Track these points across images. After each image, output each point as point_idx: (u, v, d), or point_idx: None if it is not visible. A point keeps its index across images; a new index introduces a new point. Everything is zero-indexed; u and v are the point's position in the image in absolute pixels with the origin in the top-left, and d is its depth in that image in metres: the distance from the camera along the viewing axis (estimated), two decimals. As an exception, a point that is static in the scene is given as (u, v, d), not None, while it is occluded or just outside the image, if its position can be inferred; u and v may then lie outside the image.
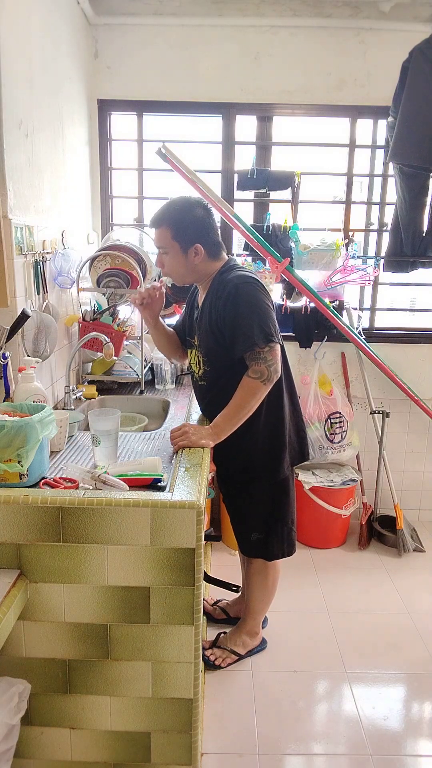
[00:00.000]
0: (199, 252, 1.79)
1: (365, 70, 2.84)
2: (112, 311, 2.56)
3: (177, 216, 1.78)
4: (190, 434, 1.73)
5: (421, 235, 2.83)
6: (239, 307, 1.73)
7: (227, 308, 1.75)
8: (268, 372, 1.72)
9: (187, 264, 1.81)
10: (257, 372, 1.71)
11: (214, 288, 1.83)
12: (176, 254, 1.80)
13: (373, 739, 1.81)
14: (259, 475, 1.94)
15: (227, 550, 2.86)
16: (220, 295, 1.78)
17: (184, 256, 1.80)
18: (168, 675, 1.47)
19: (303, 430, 2.03)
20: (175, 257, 1.81)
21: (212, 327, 1.82)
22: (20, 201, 1.90)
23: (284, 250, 2.85)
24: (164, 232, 1.79)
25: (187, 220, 1.78)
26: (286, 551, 2.03)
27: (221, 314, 1.77)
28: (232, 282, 1.76)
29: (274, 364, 1.73)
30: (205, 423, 1.96)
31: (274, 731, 1.83)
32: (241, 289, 1.74)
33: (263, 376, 1.71)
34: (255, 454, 1.91)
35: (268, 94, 2.86)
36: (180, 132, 3.04)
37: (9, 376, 1.78)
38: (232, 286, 1.75)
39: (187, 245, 1.78)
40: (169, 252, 1.81)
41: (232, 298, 1.74)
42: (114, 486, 1.42)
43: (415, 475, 3.25)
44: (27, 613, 1.41)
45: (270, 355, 1.71)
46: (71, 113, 2.53)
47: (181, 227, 1.77)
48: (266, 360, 1.71)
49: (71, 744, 1.53)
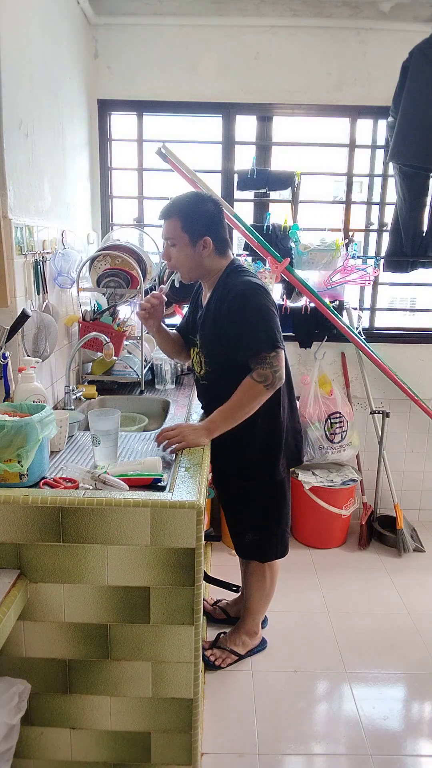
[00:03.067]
0: (207, 245, 1.78)
1: (365, 70, 2.84)
2: (112, 311, 2.56)
3: (188, 208, 1.78)
4: (186, 434, 1.72)
5: (421, 235, 2.83)
6: (246, 313, 1.72)
7: (233, 314, 1.74)
8: (273, 377, 1.71)
9: (194, 257, 1.80)
10: (262, 376, 1.70)
11: (218, 290, 1.82)
12: (184, 246, 1.79)
13: (373, 739, 1.81)
14: (255, 477, 1.94)
15: (227, 550, 2.86)
16: (225, 299, 1.77)
17: (193, 248, 1.79)
18: (168, 675, 1.47)
19: (300, 432, 2.03)
20: (182, 249, 1.80)
21: (216, 330, 1.81)
22: (20, 201, 1.90)
23: (284, 250, 2.85)
24: (174, 223, 1.77)
25: (198, 212, 1.78)
26: (280, 553, 2.03)
27: (226, 319, 1.76)
28: (239, 288, 1.75)
29: (279, 370, 1.72)
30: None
31: (274, 731, 1.83)
32: (248, 296, 1.73)
33: (267, 381, 1.70)
34: (251, 456, 1.91)
35: (268, 94, 2.86)
36: (180, 132, 3.04)
37: (9, 376, 1.78)
38: (239, 292, 1.74)
39: (197, 237, 1.77)
40: (177, 244, 1.80)
41: (239, 304, 1.73)
42: (114, 486, 1.42)
43: (415, 475, 3.25)
44: (27, 613, 1.41)
45: (276, 361, 1.71)
46: (71, 113, 2.53)
47: (192, 219, 1.77)
48: (272, 365, 1.70)
49: (71, 744, 1.53)
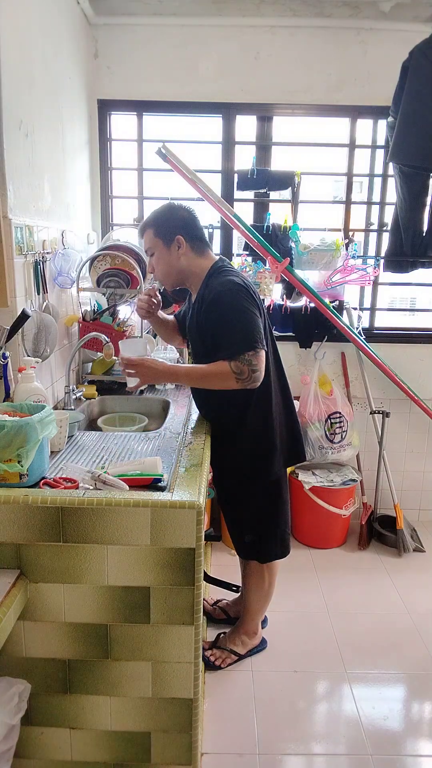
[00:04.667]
0: (181, 244, 1.81)
1: (365, 70, 2.84)
2: (112, 311, 2.56)
3: (159, 216, 1.85)
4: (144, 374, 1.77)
5: (421, 235, 2.83)
6: (222, 314, 1.72)
7: (211, 313, 1.75)
8: (249, 374, 1.68)
9: (170, 259, 1.83)
10: (238, 369, 1.68)
11: (201, 292, 1.84)
12: (161, 251, 1.84)
13: (373, 739, 1.81)
14: (250, 477, 1.94)
15: (227, 550, 2.86)
16: (206, 299, 1.79)
17: (168, 250, 1.83)
18: (168, 675, 1.47)
19: (298, 430, 2.03)
20: (160, 255, 1.84)
21: (200, 331, 1.84)
22: (20, 201, 1.90)
23: (284, 250, 2.85)
24: (148, 233, 1.85)
25: (168, 218, 1.84)
26: (280, 553, 2.03)
27: (206, 320, 1.78)
28: (218, 288, 1.76)
29: (258, 370, 1.69)
30: (205, 424, 1.98)
31: (274, 731, 1.83)
32: (223, 297, 1.73)
33: (242, 375, 1.68)
34: (244, 456, 1.92)
35: (268, 94, 2.86)
36: (180, 132, 3.04)
37: (9, 376, 1.78)
38: (217, 293, 1.75)
39: (169, 239, 1.82)
40: (155, 251, 1.85)
41: (215, 305, 1.74)
42: (114, 486, 1.42)
43: (415, 475, 3.25)
44: (27, 613, 1.41)
45: (255, 359, 1.68)
46: (71, 113, 2.53)
47: (163, 224, 1.83)
48: (250, 363, 1.68)
49: (71, 744, 1.53)
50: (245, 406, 1.86)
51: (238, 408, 1.87)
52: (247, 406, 1.86)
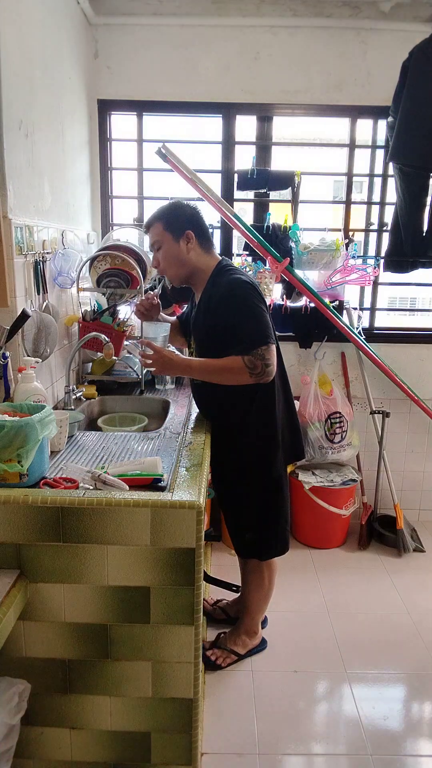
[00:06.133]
0: (191, 239, 1.83)
1: (365, 70, 2.84)
2: (112, 311, 2.55)
3: (168, 211, 1.87)
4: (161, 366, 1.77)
5: (421, 235, 2.83)
6: (234, 310, 1.75)
7: (220, 310, 1.77)
8: (262, 368, 1.72)
9: (179, 253, 1.84)
10: (252, 363, 1.71)
11: (208, 289, 1.85)
12: (169, 245, 1.84)
13: (373, 739, 1.81)
14: (252, 475, 1.95)
15: (227, 550, 2.86)
16: (214, 296, 1.80)
17: (177, 244, 1.84)
18: (168, 675, 1.47)
19: (297, 428, 2.05)
20: (168, 248, 1.85)
21: (208, 328, 1.84)
22: (20, 201, 1.90)
23: (284, 250, 2.85)
24: (156, 227, 1.85)
25: (177, 213, 1.86)
26: (280, 550, 2.04)
27: (216, 316, 1.79)
28: (226, 285, 1.78)
29: (271, 365, 1.73)
30: (205, 423, 1.98)
31: (273, 731, 1.83)
32: (235, 293, 1.76)
33: (255, 370, 1.72)
34: (247, 453, 1.92)
35: (268, 94, 2.86)
36: (180, 132, 3.04)
37: (9, 376, 1.78)
38: (228, 289, 1.77)
39: (179, 233, 1.83)
40: (162, 245, 1.85)
41: (226, 300, 1.76)
42: (114, 486, 1.42)
43: (415, 475, 3.25)
44: (27, 613, 1.41)
45: (268, 354, 1.73)
46: (71, 113, 2.52)
47: (172, 218, 1.85)
48: (263, 357, 1.72)
49: (71, 744, 1.53)
50: (249, 404, 1.87)
51: (242, 405, 1.88)
52: (251, 404, 1.87)
